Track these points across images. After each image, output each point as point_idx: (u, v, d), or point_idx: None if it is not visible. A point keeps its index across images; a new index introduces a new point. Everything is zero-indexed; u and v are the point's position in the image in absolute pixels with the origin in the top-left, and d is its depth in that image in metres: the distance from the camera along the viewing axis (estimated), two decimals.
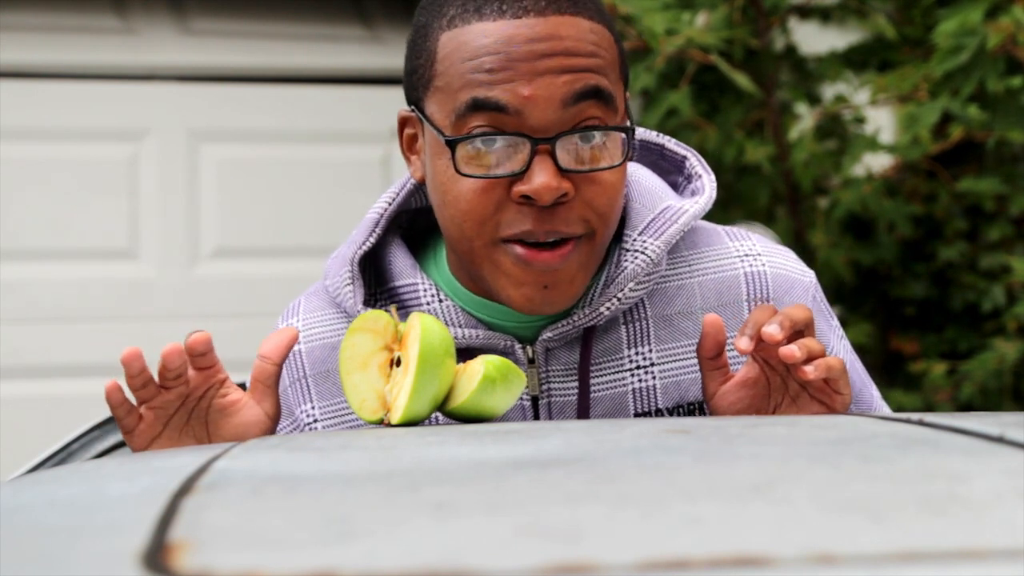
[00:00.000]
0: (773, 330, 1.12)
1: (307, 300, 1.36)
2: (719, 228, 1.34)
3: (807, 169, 3.01)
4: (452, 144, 1.17)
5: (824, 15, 3.33)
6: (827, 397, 1.19)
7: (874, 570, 0.55)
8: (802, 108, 3.26)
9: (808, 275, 1.33)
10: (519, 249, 1.18)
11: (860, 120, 3.20)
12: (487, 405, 1.13)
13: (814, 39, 3.33)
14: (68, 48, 3.48)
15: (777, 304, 1.29)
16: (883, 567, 0.56)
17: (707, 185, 1.30)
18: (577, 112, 1.17)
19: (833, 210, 3.12)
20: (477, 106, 1.16)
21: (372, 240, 1.29)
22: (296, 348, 1.32)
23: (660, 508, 0.65)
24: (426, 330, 1.11)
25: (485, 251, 1.19)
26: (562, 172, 1.16)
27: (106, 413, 2.20)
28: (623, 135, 1.19)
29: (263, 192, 3.55)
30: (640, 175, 1.31)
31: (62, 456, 2.13)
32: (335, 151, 3.60)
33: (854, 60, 3.21)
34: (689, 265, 1.30)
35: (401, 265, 1.29)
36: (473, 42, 1.17)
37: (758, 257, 1.31)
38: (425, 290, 1.28)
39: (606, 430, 0.94)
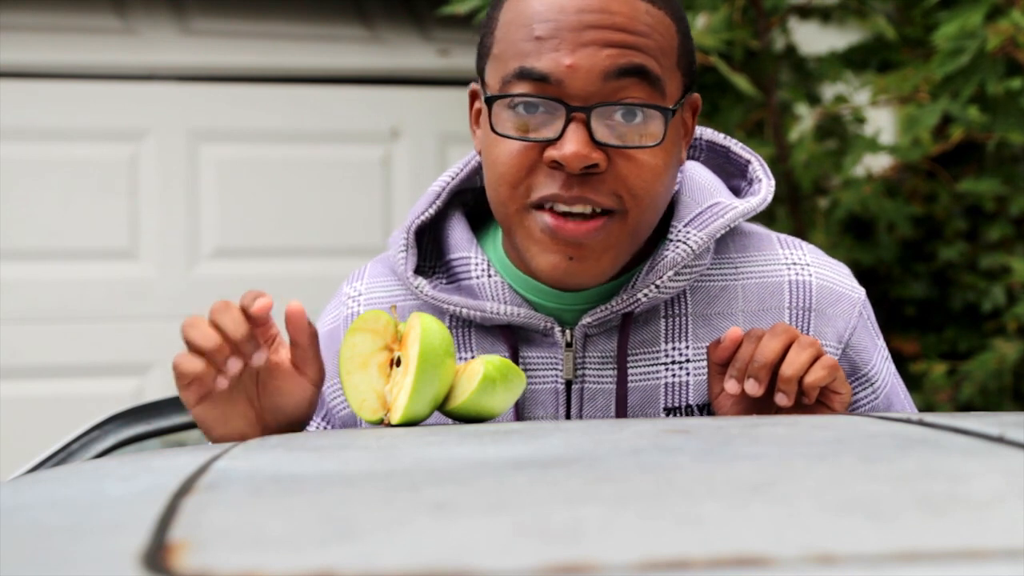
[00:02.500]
0: (751, 388, 1.17)
1: (373, 266, 1.39)
2: (773, 235, 1.35)
3: (807, 169, 3.01)
4: (490, 102, 1.20)
5: (824, 15, 3.33)
6: (826, 397, 1.20)
7: (874, 570, 0.55)
8: (802, 108, 3.26)
9: (858, 291, 1.33)
10: (548, 217, 1.19)
11: (860, 120, 3.20)
12: (487, 405, 1.13)
13: (814, 39, 3.34)
14: (68, 48, 3.48)
15: (819, 316, 1.29)
16: (883, 567, 0.56)
17: (764, 189, 1.31)
18: (619, 87, 1.17)
19: (833, 210, 3.12)
20: (523, 74, 1.18)
21: (431, 211, 1.32)
22: (355, 310, 1.35)
23: (660, 508, 0.65)
24: (426, 330, 1.11)
25: (518, 216, 1.20)
26: (596, 144, 1.17)
27: (106, 413, 2.20)
28: (663, 116, 1.19)
29: (263, 192, 3.55)
30: (695, 172, 1.32)
31: (62, 456, 2.13)
32: (335, 151, 3.60)
33: (854, 60, 3.21)
34: (736, 267, 1.30)
35: (458, 238, 1.32)
36: (528, 10, 1.20)
37: (806, 267, 1.31)
38: (477, 264, 1.29)
39: (605, 430, 0.94)
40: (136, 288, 3.48)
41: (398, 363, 1.14)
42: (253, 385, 1.18)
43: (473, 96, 1.30)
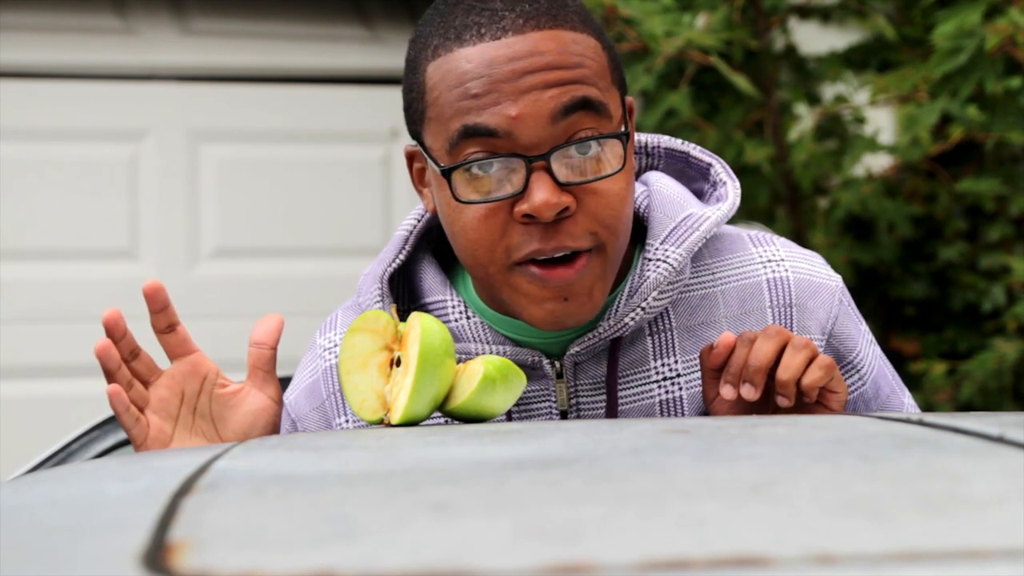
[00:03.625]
0: (747, 393, 1.17)
1: (343, 314, 1.37)
2: (743, 233, 1.34)
3: (807, 169, 3.01)
4: (447, 173, 1.17)
5: (824, 15, 3.33)
6: (823, 397, 1.19)
7: (874, 570, 0.55)
8: (802, 108, 3.26)
9: (835, 279, 1.33)
10: (533, 268, 1.18)
11: (860, 120, 3.20)
12: (487, 405, 1.13)
13: (814, 39, 3.33)
14: (68, 48, 3.48)
15: (801, 311, 1.29)
16: (883, 567, 0.56)
17: (731, 192, 1.30)
18: (568, 125, 1.16)
19: (833, 210, 3.12)
20: (468, 133, 1.16)
21: (402, 257, 1.30)
22: (333, 362, 1.34)
23: (660, 508, 0.65)
24: (426, 330, 1.11)
25: (501, 276, 1.19)
26: (561, 186, 1.15)
27: (106, 413, 2.20)
28: (620, 141, 1.18)
29: (263, 192, 3.55)
30: (662, 184, 1.31)
31: (62, 456, 2.13)
32: (335, 151, 3.60)
33: (854, 60, 3.21)
34: (712, 273, 1.30)
35: (431, 282, 1.30)
36: (457, 69, 1.17)
37: (781, 263, 1.31)
38: (454, 307, 1.28)
39: (605, 430, 0.94)
40: (136, 288, 3.46)
41: (398, 363, 1.14)
42: (209, 424, 1.21)
43: (411, 158, 1.27)
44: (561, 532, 0.60)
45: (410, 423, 1.12)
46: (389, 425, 1.13)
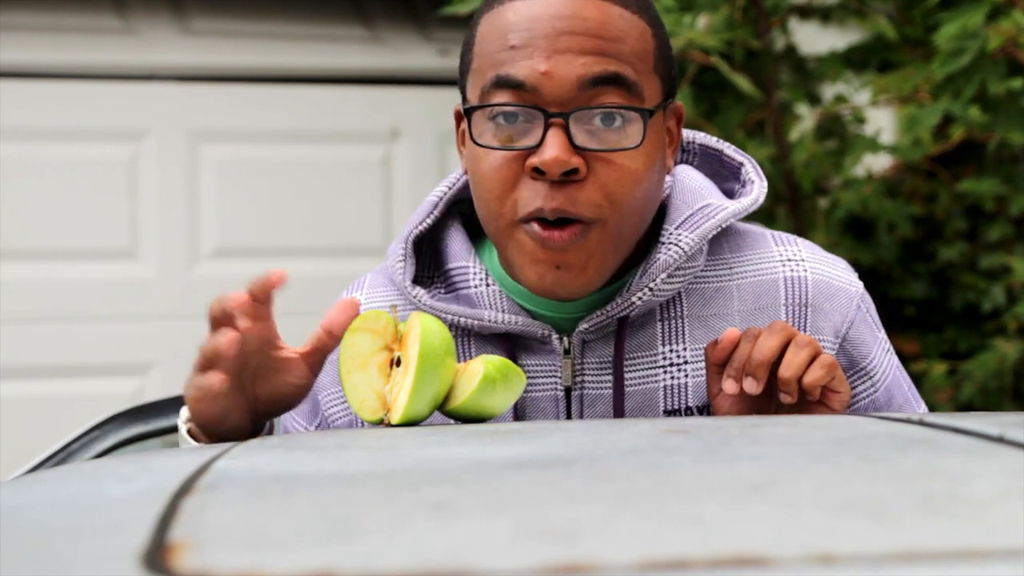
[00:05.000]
0: (749, 386, 1.17)
1: (373, 276, 1.38)
2: (768, 233, 1.35)
3: (807, 169, 3.02)
4: (469, 112, 1.20)
5: (824, 15, 3.33)
6: (824, 396, 1.20)
7: (874, 570, 0.55)
8: (802, 108, 3.26)
9: (856, 285, 1.33)
10: (535, 227, 1.19)
11: (860, 120, 3.20)
12: (487, 405, 1.13)
13: (814, 39, 3.34)
14: (68, 48, 3.48)
15: (815, 312, 1.29)
16: (883, 567, 0.56)
17: (756, 189, 1.31)
18: (595, 94, 1.18)
19: (833, 210, 3.12)
20: (499, 83, 1.19)
21: (429, 221, 1.32)
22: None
23: (659, 508, 0.65)
24: (426, 330, 1.11)
25: (508, 231, 1.20)
26: (576, 149, 1.17)
27: (106, 413, 2.20)
28: (642, 117, 1.19)
29: (263, 192, 3.55)
30: (687, 175, 1.32)
31: (62, 456, 2.13)
32: (335, 151, 3.60)
33: (854, 60, 3.21)
34: (730, 268, 1.30)
35: (456, 248, 1.31)
36: (501, 21, 1.20)
37: (801, 263, 1.31)
38: (475, 273, 1.29)
39: (605, 430, 0.94)
40: (136, 288, 3.48)
41: (398, 363, 1.14)
42: (250, 379, 1.16)
43: (458, 118, 1.30)
44: (561, 532, 0.60)
45: (410, 423, 1.12)
46: (389, 425, 1.13)
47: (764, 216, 3.17)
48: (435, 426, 1.17)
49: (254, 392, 1.16)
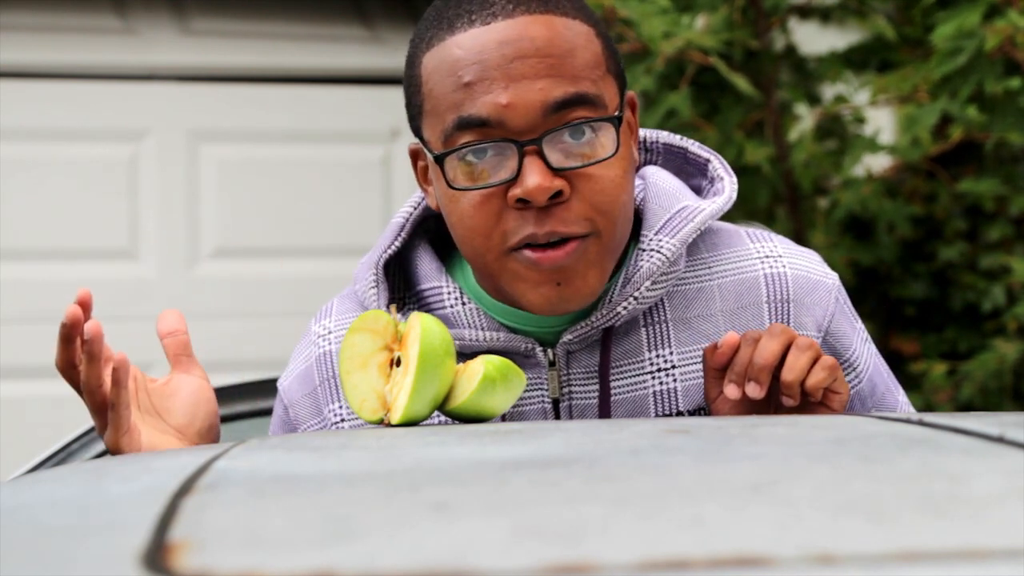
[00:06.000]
0: (751, 391, 1.17)
1: (340, 302, 1.37)
2: (740, 230, 1.34)
3: (807, 169, 3.01)
4: (440, 159, 1.18)
5: (824, 15, 3.33)
6: (825, 397, 1.20)
7: (874, 570, 0.55)
8: (802, 108, 3.26)
9: (831, 277, 1.33)
10: (528, 252, 1.18)
11: (860, 120, 3.20)
12: (487, 405, 1.13)
13: (814, 39, 3.33)
14: (68, 48, 3.48)
15: (798, 306, 1.29)
16: (883, 567, 0.56)
17: (728, 187, 1.30)
18: (561, 116, 1.16)
19: (833, 210, 3.12)
20: (462, 125, 1.17)
21: (397, 244, 1.30)
22: (327, 348, 1.33)
23: (660, 508, 0.65)
24: (426, 330, 1.11)
25: (499, 263, 1.19)
26: (554, 171, 1.16)
27: None
28: (613, 125, 1.18)
29: (263, 192, 3.55)
30: (658, 177, 1.31)
31: (62, 456, 2.13)
32: (335, 151, 3.60)
33: (854, 60, 3.21)
34: (709, 268, 1.30)
35: (427, 269, 1.30)
36: (449, 58, 1.18)
37: (779, 259, 1.31)
38: (449, 293, 1.28)
39: (605, 430, 0.94)
40: (136, 288, 3.48)
41: (398, 363, 1.14)
42: (155, 417, 1.24)
43: (414, 155, 1.27)
44: (561, 532, 0.60)
45: (410, 423, 1.12)
46: (389, 425, 1.13)
47: (764, 216, 3.17)
48: (435, 426, 1.17)
49: (168, 425, 1.25)
